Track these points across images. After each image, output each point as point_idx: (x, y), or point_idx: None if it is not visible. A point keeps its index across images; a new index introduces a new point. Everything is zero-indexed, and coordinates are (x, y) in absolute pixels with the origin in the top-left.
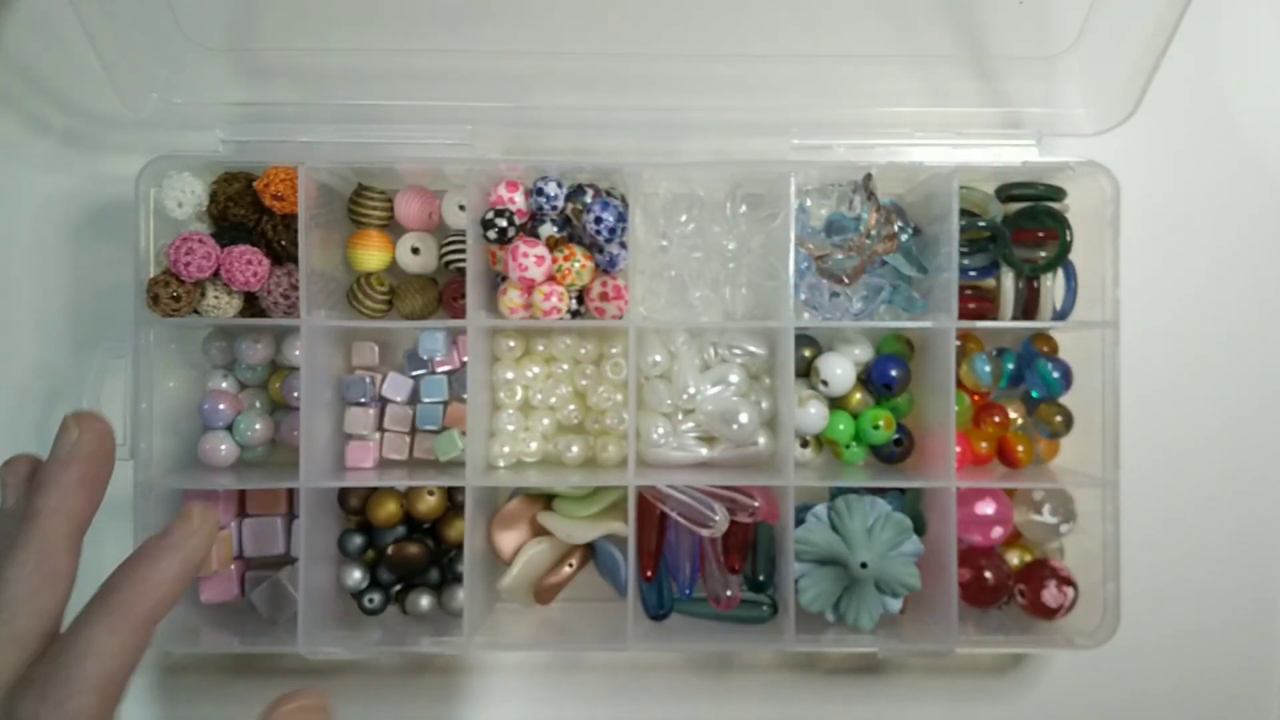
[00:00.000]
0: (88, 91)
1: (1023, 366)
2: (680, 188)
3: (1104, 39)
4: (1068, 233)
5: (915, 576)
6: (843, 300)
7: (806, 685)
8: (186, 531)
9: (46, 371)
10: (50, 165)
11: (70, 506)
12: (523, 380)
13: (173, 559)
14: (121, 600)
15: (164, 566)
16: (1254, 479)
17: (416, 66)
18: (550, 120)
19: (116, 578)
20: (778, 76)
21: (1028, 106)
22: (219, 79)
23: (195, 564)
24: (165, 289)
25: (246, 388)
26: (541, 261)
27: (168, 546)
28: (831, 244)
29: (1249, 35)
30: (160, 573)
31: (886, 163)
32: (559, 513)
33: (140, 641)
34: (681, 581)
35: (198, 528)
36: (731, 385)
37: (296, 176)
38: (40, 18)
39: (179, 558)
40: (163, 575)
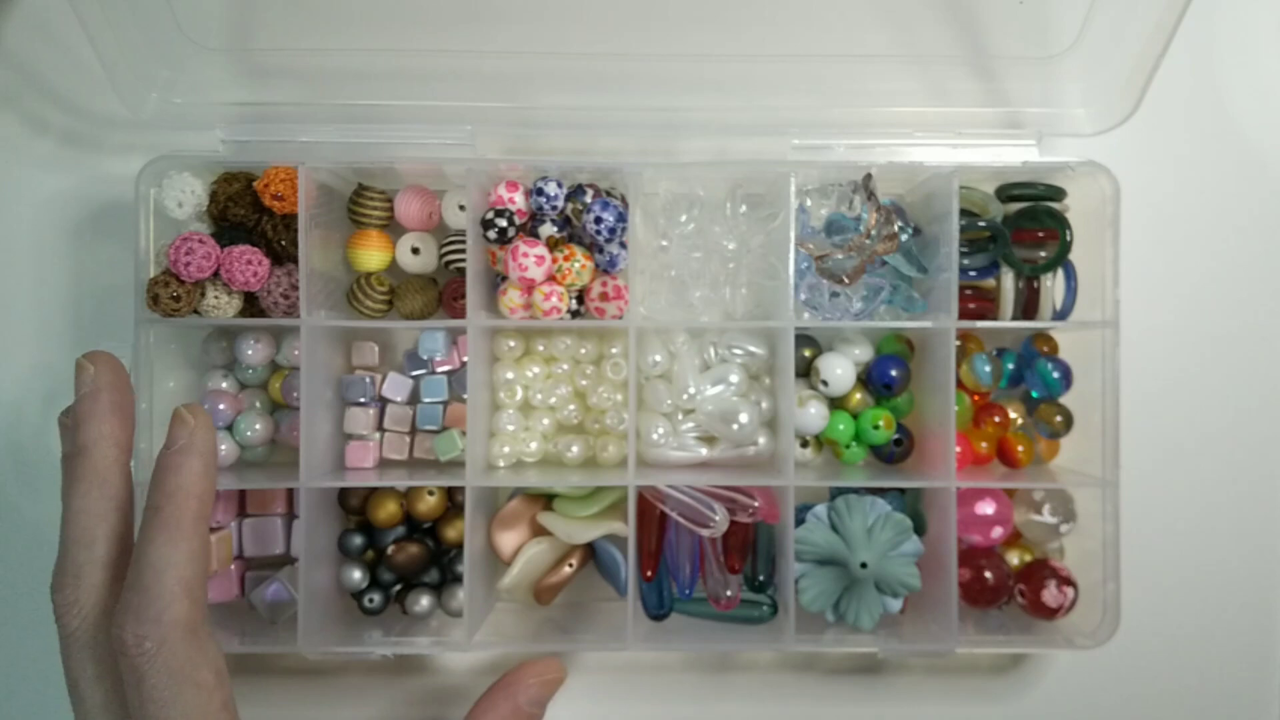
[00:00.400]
0: (88, 91)
1: (1023, 366)
2: (680, 188)
3: (1104, 39)
4: (1068, 233)
5: (915, 576)
6: (843, 300)
7: (806, 685)
8: (187, 431)
9: (46, 371)
10: (50, 165)
11: (110, 432)
12: (523, 380)
13: (191, 460)
14: (168, 514)
15: (187, 470)
16: (1254, 479)
17: (416, 66)
18: (550, 120)
19: (153, 497)
20: (778, 76)
21: (1028, 106)
22: (219, 79)
23: (211, 452)
24: (165, 289)
25: (246, 388)
26: (541, 261)
27: (180, 451)
28: (831, 244)
29: (1249, 35)
30: (187, 477)
31: (886, 162)
32: (559, 513)
33: (200, 544)
34: (681, 581)
35: (195, 422)
36: (731, 385)
37: (296, 176)
38: (40, 18)
39: (195, 456)
40: (189, 478)
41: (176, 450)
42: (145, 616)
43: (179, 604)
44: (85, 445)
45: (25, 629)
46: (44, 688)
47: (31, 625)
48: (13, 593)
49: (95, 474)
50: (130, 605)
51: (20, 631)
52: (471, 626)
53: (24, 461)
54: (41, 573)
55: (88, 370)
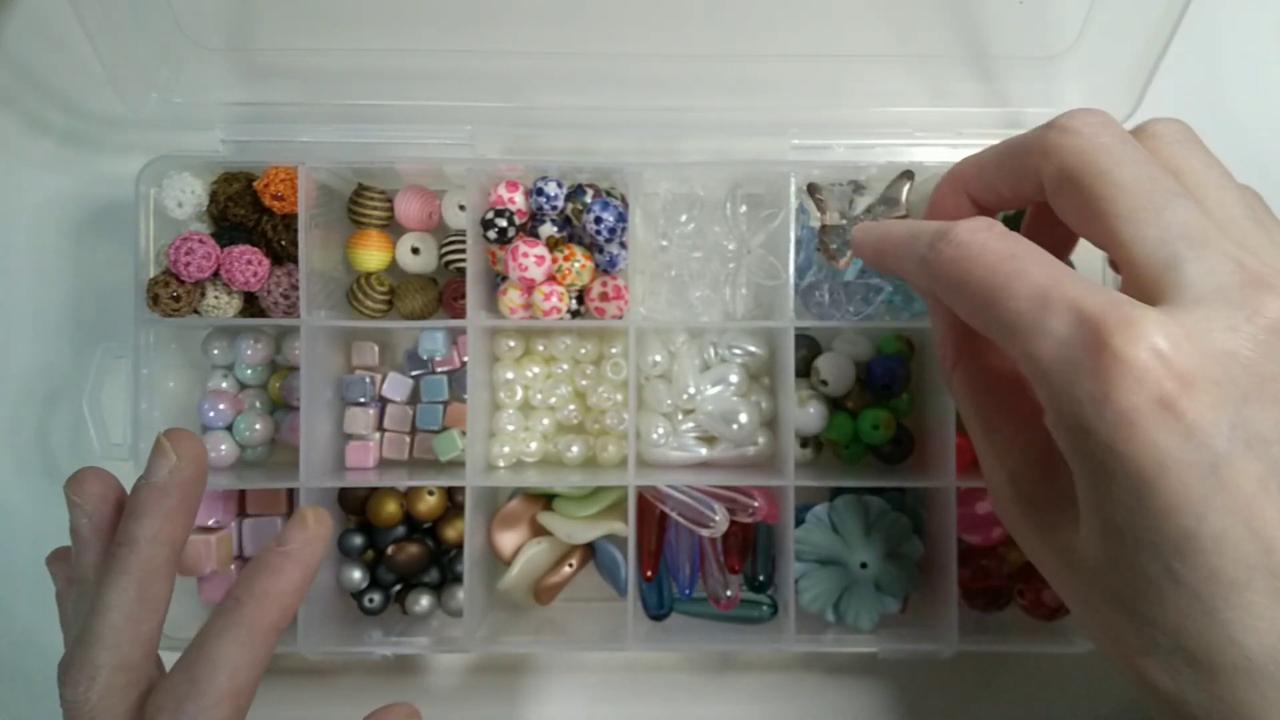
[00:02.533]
0: (88, 91)
1: None
2: (680, 188)
3: (1104, 39)
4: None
5: (915, 576)
6: (843, 300)
7: (806, 685)
8: (304, 538)
9: (46, 371)
10: (50, 165)
11: (170, 533)
12: (523, 380)
13: (292, 569)
14: (247, 614)
15: (284, 578)
16: None
17: (416, 66)
18: (550, 120)
19: (240, 590)
20: (778, 76)
21: (1028, 106)
22: (219, 79)
23: (315, 569)
24: (165, 289)
25: (246, 388)
26: (541, 261)
27: (286, 555)
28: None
29: (1249, 35)
30: (281, 584)
31: (886, 162)
32: (559, 513)
33: (266, 652)
34: (681, 581)
35: (314, 532)
36: (731, 385)
37: (296, 176)
38: (40, 18)
39: (298, 566)
40: (283, 587)
41: (283, 553)
42: (185, 710)
43: (223, 707)
44: (138, 540)
45: (26, 629)
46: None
47: (33, 625)
48: (13, 593)
49: (141, 572)
50: (174, 689)
51: (22, 632)
52: (471, 626)
53: (24, 461)
54: (42, 576)
55: (168, 459)
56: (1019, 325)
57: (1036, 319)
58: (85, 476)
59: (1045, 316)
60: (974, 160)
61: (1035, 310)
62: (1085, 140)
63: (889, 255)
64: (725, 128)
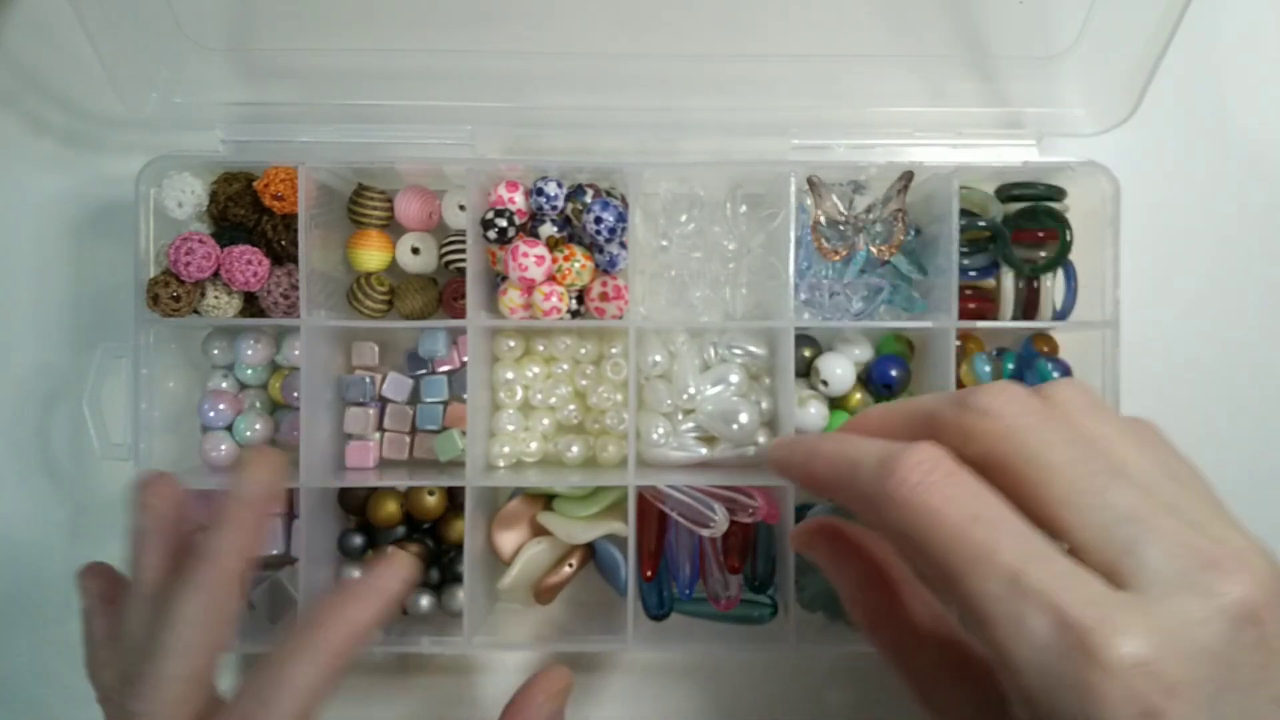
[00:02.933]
0: (88, 91)
1: (1023, 366)
2: (680, 188)
3: (1104, 39)
4: (1068, 233)
5: None
6: (843, 300)
7: (806, 685)
8: (391, 576)
9: (46, 371)
10: (50, 165)
11: (245, 547)
12: (523, 380)
13: (375, 601)
14: (324, 637)
15: (365, 607)
16: (1255, 479)
17: (416, 66)
18: (550, 120)
19: (321, 613)
20: (778, 76)
21: (1028, 106)
22: (219, 79)
23: (395, 604)
24: (165, 289)
25: (246, 388)
26: (541, 261)
27: (373, 590)
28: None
29: (1249, 35)
30: (361, 614)
31: (886, 162)
32: (559, 513)
33: (336, 676)
34: (681, 581)
35: (401, 574)
36: (731, 385)
37: (296, 176)
38: (40, 18)
39: (381, 600)
40: (363, 616)
41: (370, 588)
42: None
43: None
44: (216, 553)
45: (27, 629)
46: (43, 690)
47: (34, 627)
48: (14, 593)
49: (216, 585)
50: (244, 712)
51: (22, 633)
52: (471, 626)
53: (24, 461)
54: (43, 574)
55: (254, 476)
56: (988, 613)
57: (1010, 611)
58: (154, 479)
59: (1021, 611)
60: (879, 416)
61: (1008, 599)
62: (1007, 423)
63: (822, 482)
64: (725, 128)
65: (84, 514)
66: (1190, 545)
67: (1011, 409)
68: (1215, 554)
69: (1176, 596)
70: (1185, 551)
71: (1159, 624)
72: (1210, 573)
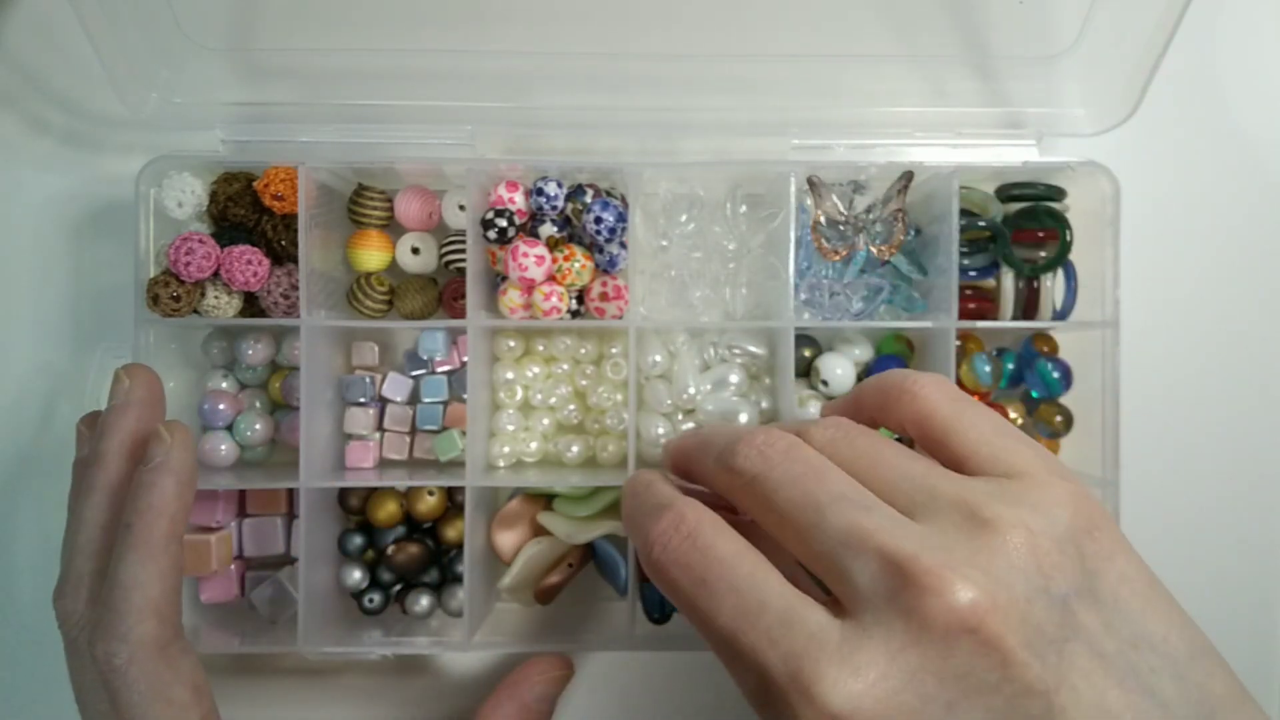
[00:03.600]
0: (88, 91)
1: (1023, 366)
2: (680, 188)
3: (1104, 39)
4: (1068, 233)
5: None
6: (843, 300)
7: None
8: (164, 449)
9: (46, 371)
10: (50, 165)
11: (130, 449)
12: (523, 380)
13: (165, 479)
14: (137, 532)
15: (159, 489)
16: (1255, 479)
17: (416, 66)
18: (550, 120)
19: (125, 515)
20: (778, 76)
21: (1028, 106)
22: (219, 79)
23: (188, 474)
24: (165, 289)
25: (246, 388)
26: (541, 261)
27: (154, 470)
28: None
29: (1249, 35)
30: (159, 496)
31: (886, 162)
32: (559, 513)
33: (170, 562)
34: None
35: (172, 439)
36: (731, 385)
37: (296, 176)
38: (40, 18)
39: (169, 474)
40: (161, 497)
41: (151, 468)
42: (114, 634)
43: (146, 623)
44: (103, 455)
45: (28, 629)
46: (47, 691)
47: (35, 627)
48: (15, 593)
49: (108, 486)
50: (100, 621)
51: (24, 633)
52: (471, 626)
53: (24, 461)
54: (44, 574)
55: (122, 384)
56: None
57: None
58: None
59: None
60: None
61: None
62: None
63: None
64: (725, 128)
65: None
66: (893, 558)
67: (753, 462)
68: (917, 564)
69: (881, 623)
70: (887, 568)
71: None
72: (909, 590)
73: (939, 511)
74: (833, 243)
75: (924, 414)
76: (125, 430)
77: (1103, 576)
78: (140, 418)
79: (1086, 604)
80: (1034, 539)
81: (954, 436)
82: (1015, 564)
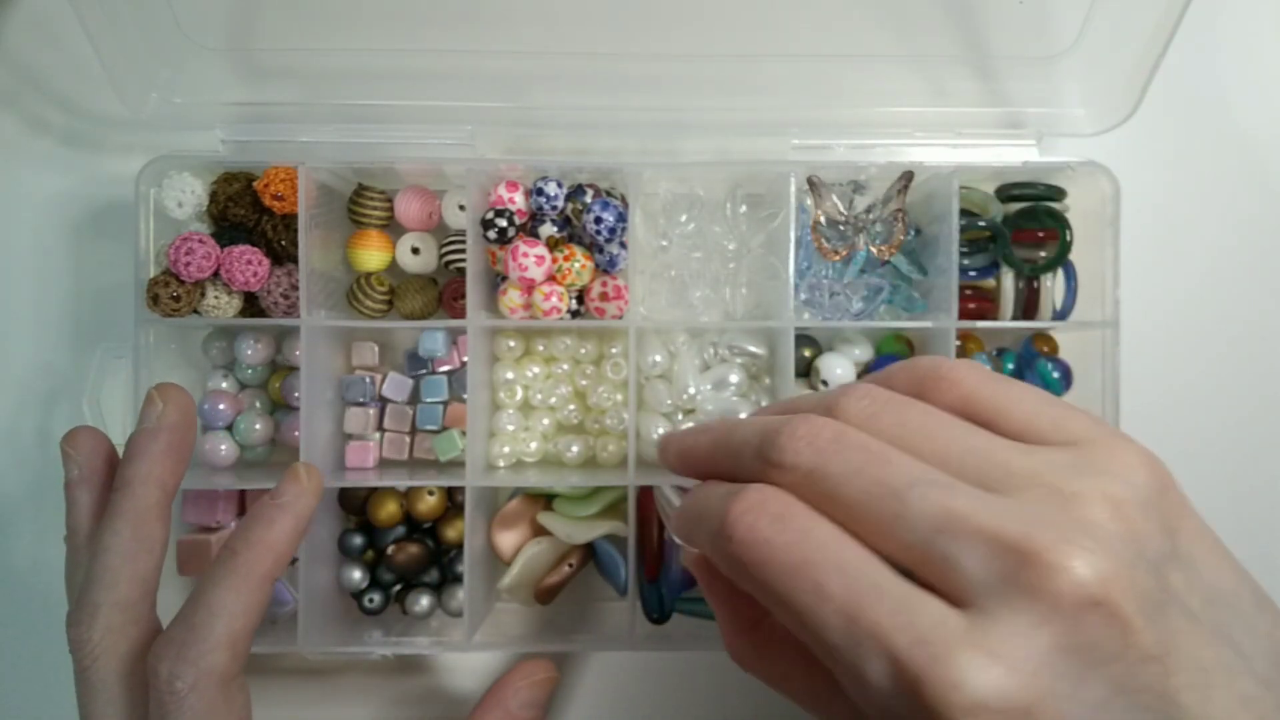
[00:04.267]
0: (88, 91)
1: (1023, 366)
2: (680, 188)
3: (1104, 39)
4: (1068, 233)
5: None
6: (843, 300)
7: None
8: (297, 491)
9: (46, 371)
10: (50, 165)
11: (159, 474)
12: (523, 380)
13: (285, 519)
14: (242, 563)
15: (278, 528)
16: (1254, 479)
17: (416, 66)
18: (550, 120)
19: (235, 541)
20: (778, 76)
21: (1028, 106)
22: (219, 79)
23: (307, 520)
24: (165, 289)
25: (246, 388)
26: (541, 261)
27: (279, 508)
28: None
29: (1249, 35)
30: (275, 534)
31: (886, 162)
32: (559, 513)
33: (261, 599)
34: (673, 582)
35: (306, 486)
36: (731, 385)
37: (296, 176)
38: (40, 18)
39: (290, 517)
40: (277, 536)
41: (277, 505)
42: (185, 656)
43: (221, 653)
44: (130, 481)
45: (29, 628)
46: (48, 689)
47: (36, 625)
48: (16, 592)
49: (134, 513)
50: (174, 639)
51: (25, 632)
52: (471, 626)
53: (24, 461)
54: (45, 573)
55: (155, 406)
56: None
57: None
58: (78, 432)
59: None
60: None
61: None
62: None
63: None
64: (725, 128)
65: None
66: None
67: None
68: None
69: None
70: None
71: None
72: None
73: (1019, 487)
74: (833, 243)
75: (967, 396)
76: (155, 456)
77: (1180, 535)
78: (171, 443)
79: (1173, 565)
80: (1121, 506)
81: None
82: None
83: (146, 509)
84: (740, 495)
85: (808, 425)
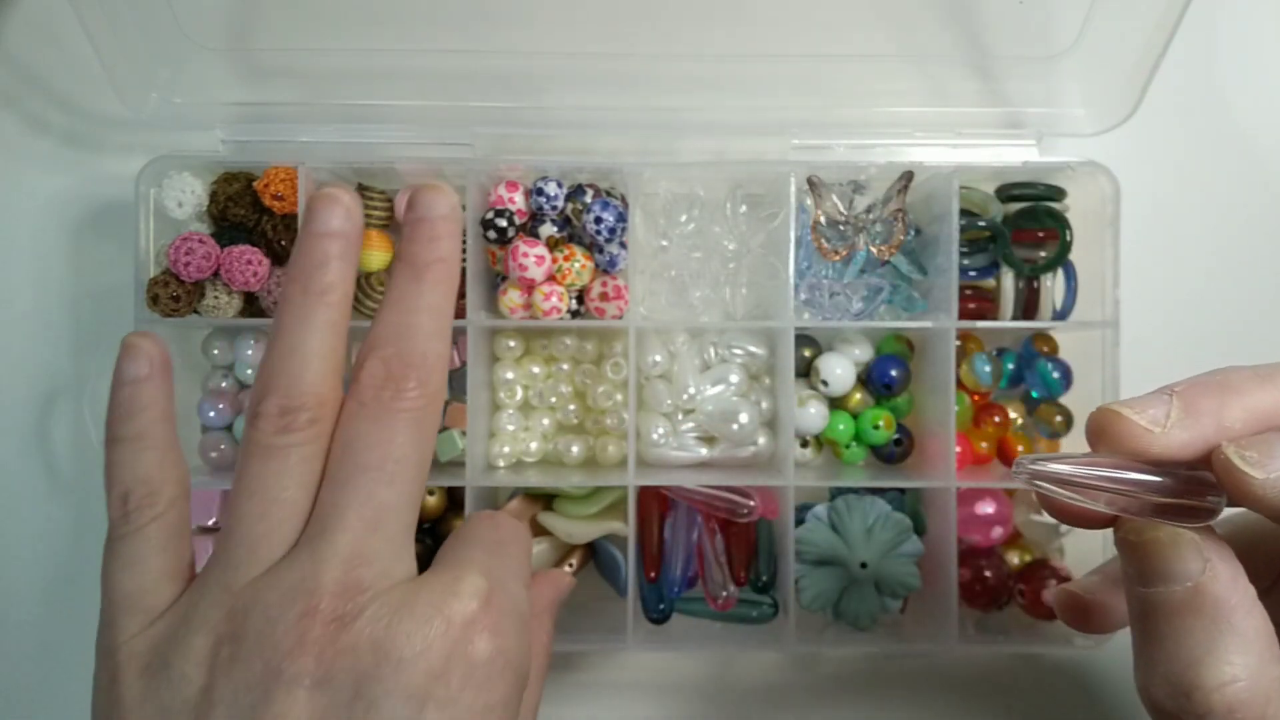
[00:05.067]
0: (88, 91)
1: (1023, 366)
2: (680, 188)
3: (1104, 39)
4: (1068, 233)
5: (915, 576)
6: (842, 300)
7: (806, 685)
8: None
9: (46, 371)
10: (50, 165)
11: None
12: (523, 380)
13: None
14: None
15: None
16: None
17: (416, 66)
18: (550, 120)
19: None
20: (778, 76)
21: (1028, 106)
22: (219, 79)
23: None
24: (165, 289)
25: (246, 388)
26: (541, 261)
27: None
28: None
29: (1249, 35)
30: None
31: (886, 162)
32: (559, 513)
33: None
34: (672, 582)
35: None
36: (731, 385)
37: (296, 176)
38: (40, 18)
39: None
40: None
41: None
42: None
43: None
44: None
45: (29, 627)
46: (47, 684)
47: (35, 627)
48: (16, 592)
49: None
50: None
51: (25, 631)
52: None
53: (25, 460)
54: (46, 572)
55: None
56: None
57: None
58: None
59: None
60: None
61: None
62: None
63: None
64: (725, 128)
65: (84, 514)
66: None
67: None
68: None
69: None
70: None
71: None
72: None
73: None
74: (833, 243)
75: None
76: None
77: None
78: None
79: None
80: None
81: None
82: None
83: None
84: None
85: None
